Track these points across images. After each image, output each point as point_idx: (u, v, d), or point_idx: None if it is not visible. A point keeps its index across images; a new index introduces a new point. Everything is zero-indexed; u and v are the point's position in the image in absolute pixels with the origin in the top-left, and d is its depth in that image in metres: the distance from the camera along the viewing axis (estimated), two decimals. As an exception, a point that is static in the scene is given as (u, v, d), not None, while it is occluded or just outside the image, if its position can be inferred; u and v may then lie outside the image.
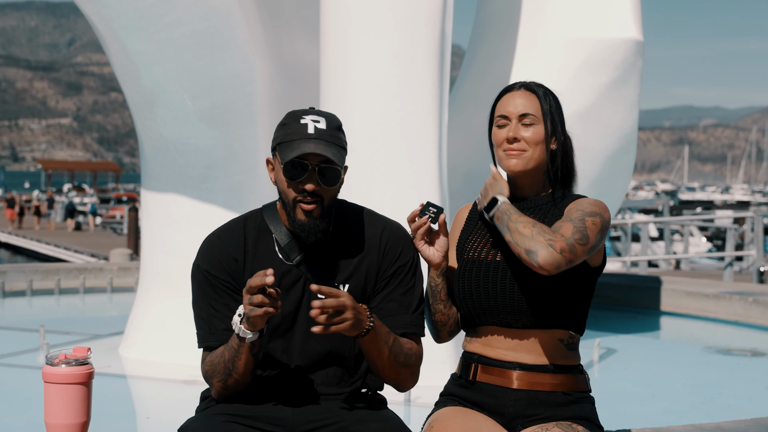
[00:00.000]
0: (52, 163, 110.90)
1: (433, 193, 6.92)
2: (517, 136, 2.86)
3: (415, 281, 2.85)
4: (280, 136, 2.77)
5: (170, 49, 7.48)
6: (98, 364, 3.17)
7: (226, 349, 2.69)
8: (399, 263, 2.83)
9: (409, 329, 2.80)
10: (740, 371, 8.45)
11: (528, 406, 2.78)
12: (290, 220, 2.76)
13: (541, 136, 2.86)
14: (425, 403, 6.14)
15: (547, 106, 2.88)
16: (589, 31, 8.47)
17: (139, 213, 24.97)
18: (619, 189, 9.49)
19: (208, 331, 2.78)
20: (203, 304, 2.81)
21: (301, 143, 2.71)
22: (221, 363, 2.70)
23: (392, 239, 2.85)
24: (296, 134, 2.73)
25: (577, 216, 2.74)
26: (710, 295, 10.55)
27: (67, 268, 12.71)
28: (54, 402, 2.87)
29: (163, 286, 7.88)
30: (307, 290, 2.77)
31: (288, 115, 2.81)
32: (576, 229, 2.69)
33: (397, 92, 6.92)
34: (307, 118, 2.75)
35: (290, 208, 2.75)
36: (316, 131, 2.73)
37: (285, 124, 2.77)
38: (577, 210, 2.77)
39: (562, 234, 2.67)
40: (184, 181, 8.00)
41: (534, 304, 2.76)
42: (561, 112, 2.92)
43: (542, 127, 2.86)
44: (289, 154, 2.69)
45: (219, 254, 2.81)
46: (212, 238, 2.86)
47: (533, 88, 2.90)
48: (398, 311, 2.80)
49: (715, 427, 4.11)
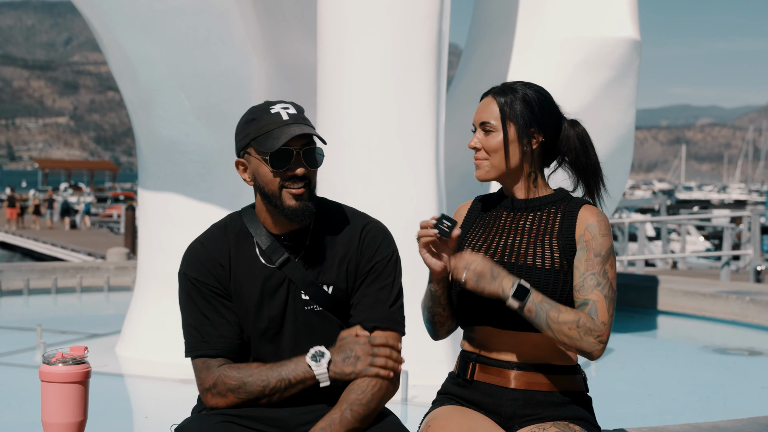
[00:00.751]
0: (49, 162, 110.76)
1: (429, 192, 6.92)
2: (476, 146, 2.86)
3: (394, 277, 2.81)
4: (252, 131, 2.71)
5: (167, 48, 7.48)
6: (95, 363, 3.16)
7: (273, 377, 2.65)
8: (376, 259, 2.79)
9: (382, 323, 2.75)
10: (737, 370, 8.46)
11: (525, 405, 2.78)
12: (279, 210, 2.72)
13: (499, 143, 2.82)
14: (422, 402, 6.14)
15: (508, 109, 2.82)
16: (586, 30, 8.47)
17: (136, 212, 24.93)
18: (616, 188, 9.49)
19: (200, 340, 2.74)
20: (193, 312, 2.77)
21: (282, 130, 2.67)
22: (258, 385, 2.66)
23: (370, 236, 2.81)
24: (272, 124, 2.69)
25: (598, 268, 2.73)
26: (707, 294, 10.56)
27: (64, 267, 12.72)
28: (51, 401, 2.86)
29: (161, 285, 7.88)
30: (292, 292, 2.76)
31: (250, 111, 2.76)
32: (607, 300, 2.71)
33: (394, 91, 6.92)
34: (276, 107, 2.73)
35: (276, 198, 2.71)
36: (291, 116, 2.72)
37: (253, 119, 2.72)
38: (594, 255, 2.74)
39: (602, 321, 2.68)
40: (181, 180, 8.00)
41: None
42: (535, 112, 2.82)
43: (500, 133, 2.82)
44: (275, 143, 2.65)
45: (205, 260, 2.78)
46: (196, 246, 2.82)
47: (497, 93, 2.86)
48: (373, 305, 2.76)
49: (712, 426, 4.11)
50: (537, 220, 2.85)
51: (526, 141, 2.82)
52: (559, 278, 2.75)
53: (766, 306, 9.89)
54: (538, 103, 2.84)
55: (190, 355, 2.77)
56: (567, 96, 8.50)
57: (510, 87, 2.87)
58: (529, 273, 2.75)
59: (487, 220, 2.93)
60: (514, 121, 2.82)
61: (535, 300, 2.65)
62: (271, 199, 2.73)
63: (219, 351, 2.73)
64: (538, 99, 2.85)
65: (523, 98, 2.83)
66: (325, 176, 6.01)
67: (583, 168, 2.91)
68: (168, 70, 7.58)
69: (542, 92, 2.88)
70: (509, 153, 2.82)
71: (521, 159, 2.83)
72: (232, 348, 2.74)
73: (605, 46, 8.48)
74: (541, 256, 2.77)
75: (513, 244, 2.83)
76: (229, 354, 2.73)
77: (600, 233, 2.76)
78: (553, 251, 2.77)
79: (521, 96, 2.83)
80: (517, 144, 2.82)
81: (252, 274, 2.76)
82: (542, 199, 2.87)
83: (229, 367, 2.70)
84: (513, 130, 2.82)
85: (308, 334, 2.77)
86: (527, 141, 2.82)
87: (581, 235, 2.78)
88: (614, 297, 2.74)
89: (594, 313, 2.69)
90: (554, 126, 2.88)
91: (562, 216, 2.83)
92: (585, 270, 2.73)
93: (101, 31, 7.66)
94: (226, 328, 2.74)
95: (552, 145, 2.88)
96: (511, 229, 2.86)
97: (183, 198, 8.03)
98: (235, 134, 2.79)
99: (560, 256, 2.77)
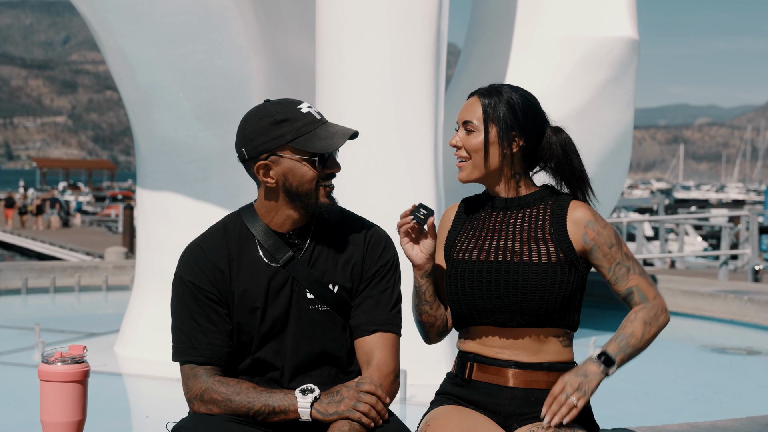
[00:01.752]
0: (47, 162, 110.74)
1: (428, 191, 6.92)
2: (456, 143, 2.87)
3: (395, 281, 2.83)
4: (287, 132, 2.67)
5: (165, 47, 7.48)
6: (94, 362, 3.16)
7: (259, 402, 2.62)
8: (380, 263, 2.81)
9: (383, 327, 2.76)
10: (735, 370, 8.46)
11: (524, 404, 2.79)
12: (310, 209, 2.72)
13: (480, 143, 2.83)
14: (421, 401, 6.14)
15: (492, 111, 2.82)
16: (585, 29, 8.47)
17: (134, 211, 24.92)
18: (614, 188, 9.50)
19: (189, 345, 2.72)
20: (184, 317, 2.75)
21: (326, 130, 2.69)
22: (244, 406, 2.63)
23: (374, 240, 2.82)
24: (312, 124, 2.69)
25: (619, 256, 2.82)
26: (705, 293, 10.56)
27: (62, 266, 12.71)
28: (50, 400, 2.86)
29: (159, 284, 7.87)
30: (296, 291, 2.75)
31: (275, 112, 2.69)
32: (643, 276, 2.86)
33: (392, 91, 6.92)
34: (303, 106, 2.72)
35: (311, 197, 2.71)
36: (320, 114, 2.75)
37: (286, 120, 2.68)
38: (608, 247, 2.81)
39: (653, 296, 2.87)
40: (179, 179, 8.00)
41: (527, 303, 2.76)
42: (518, 116, 2.82)
43: (481, 134, 2.83)
44: (328, 143, 2.67)
45: (204, 265, 2.75)
46: (194, 248, 2.79)
47: (482, 94, 2.87)
48: (374, 308, 2.77)
49: (710, 425, 4.11)
50: (527, 217, 2.85)
51: (507, 144, 2.82)
52: (557, 271, 2.76)
53: (764, 305, 9.90)
54: (522, 107, 2.84)
55: (178, 360, 2.76)
56: (565, 95, 8.53)
57: (496, 89, 2.87)
58: (527, 269, 2.76)
59: (477, 222, 2.93)
60: (495, 123, 2.82)
61: (616, 351, 2.80)
62: (304, 199, 2.72)
63: (207, 358, 2.71)
64: (522, 104, 2.85)
65: (507, 101, 2.83)
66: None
67: (568, 175, 2.91)
68: (166, 70, 7.57)
69: (528, 97, 2.88)
70: (488, 154, 2.82)
71: (501, 161, 2.84)
72: (221, 356, 2.72)
73: (603, 46, 8.48)
74: (537, 252, 2.78)
75: (506, 243, 2.83)
76: (217, 362, 2.72)
77: (601, 226, 2.82)
78: (548, 245, 2.78)
79: (506, 99, 2.84)
80: (498, 146, 2.83)
81: (256, 276, 2.75)
82: (529, 196, 2.88)
83: (219, 382, 2.68)
84: (494, 132, 2.82)
85: (311, 334, 2.77)
86: (507, 144, 2.83)
87: (584, 235, 2.79)
88: (643, 269, 2.87)
89: (643, 297, 2.84)
90: (537, 132, 2.87)
91: (552, 212, 2.84)
92: (609, 264, 2.81)
93: (99, 30, 7.65)
94: (217, 336, 2.72)
95: (533, 150, 2.88)
96: (502, 228, 2.86)
97: (181, 197, 8.03)
98: (254, 136, 2.70)
99: (555, 249, 2.78)
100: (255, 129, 2.71)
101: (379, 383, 2.66)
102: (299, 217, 2.76)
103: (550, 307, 2.76)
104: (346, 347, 2.81)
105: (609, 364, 2.76)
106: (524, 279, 2.75)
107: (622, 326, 2.81)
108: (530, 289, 2.75)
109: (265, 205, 2.78)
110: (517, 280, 2.76)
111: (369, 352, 2.75)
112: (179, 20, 7.38)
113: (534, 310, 2.76)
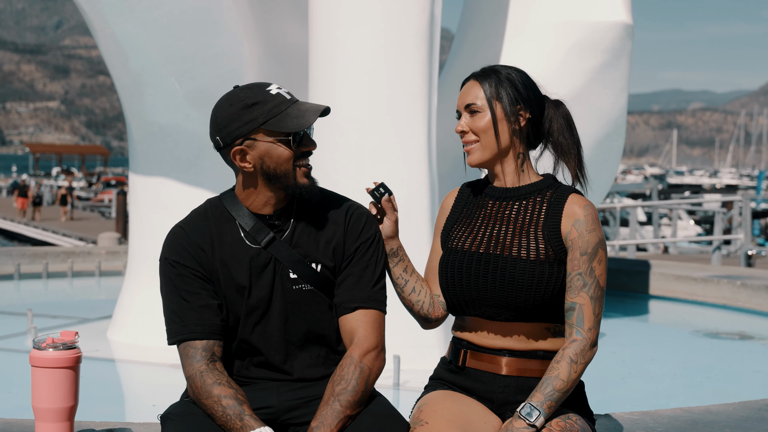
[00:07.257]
0: (40, 147, 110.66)
1: (421, 175, 6.92)
2: (463, 129, 2.85)
3: (377, 258, 2.81)
4: (259, 114, 2.67)
5: (157, 32, 7.45)
6: (86, 348, 3.16)
7: (230, 415, 2.58)
8: (360, 240, 2.80)
9: (364, 304, 2.75)
10: (728, 354, 8.48)
11: (517, 392, 2.78)
12: (289, 189, 2.71)
13: (488, 123, 2.82)
14: (414, 386, 6.15)
15: (494, 89, 2.81)
16: (579, 14, 8.44)
17: (127, 197, 24.88)
18: (607, 173, 9.49)
19: (181, 324, 2.71)
20: (173, 297, 2.74)
21: (296, 108, 2.69)
22: (217, 411, 2.60)
23: (354, 217, 2.82)
24: (282, 104, 2.69)
25: (584, 267, 2.73)
26: (698, 278, 10.58)
27: (54, 251, 12.69)
28: (41, 386, 2.85)
29: (152, 270, 7.84)
30: (279, 271, 2.75)
31: (244, 96, 2.70)
32: (593, 300, 2.73)
33: (386, 76, 6.91)
34: (272, 88, 2.72)
35: (289, 178, 2.70)
36: (290, 94, 2.74)
37: (256, 103, 2.68)
38: (581, 253, 2.73)
39: (587, 328, 2.72)
40: (172, 165, 7.98)
41: (514, 299, 2.74)
42: (520, 90, 2.82)
43: (488, 113, 2.82)
44: (299, 122, 2.66)
45: (187, 245, 2.76)
46: (177, 230, 2.80)
47: (479, 76, 2.86)
48: (356, 286, 2.76)
49: (703, 410, 4.12)
50: (522, 209, 2.83)
51: (514, 119, 2.82)
52: (545, 269, 2.74)
53: (757, 290, 9.92)
54: (521, 81, 2.84)
55: (172, 340, 2.74)
56: (559, 80, 8.51)
57: (491, 69, 2.87)
58: (514, 265, 2.74)
59: (473, 209, 2.92)
60: (500, 100, 2.81)
61: (541, 401, 2.65)
62: (282, 180, 2.71)
63: (199, 334, 2.70)
64: (521, 78, 2.85)
65: (507, 77, 2.84)
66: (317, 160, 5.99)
67: (566, 147, 2.88)
68: (159, 55, 7.54)
69: (523, 73, 2.88)
70: (498, 131, 2.81)
71: (511, 137, 2.83)
72: (214, 330, 2.71)
73: (597, 31, 8.45)
74: (526, 248, 2.76)
75: (498, 234, 2.81)
76: (211, 336, 2.70)
77: (587, 229, 2.75)
78: (539, 242, 2.76)
79: (505, 76, 2.84)
80: (506, 122, 2.81)
81: (238, 257, 2.75)
82: (528, 187, 2.85)
83: (211, 373, 2.65)
84: (500, 109, 2.81)
85: (296, 314, 2.76)
86: (515, 119, 2.82)
87: (568, 233, 2.76)
88: (602, 294, 2.75)
89: (579, 321, 2.72)
90: (539, 104, 2.87)
91: (548, 205, 2.81)
92: (571, 270, 2.74)
93: (92, 15, 7.61)
94: (206, 311, 2.71)
95: (538, 123, 2.87)
96: (496, 218, 2.85)
97: (174, 182, 8.01)
98: (226, 122, 2.70)
99: (545, 246, 2.75)
100: (226, 116, 2.71)
101: (359, 361, 2.66)
102: (279, 198, 2.76)
103: (538, 304, 2.75)
104: (333, 326, 2.80)
105: (535, 416, 2.64)
106: (511, 275, 2.74)
107: (549, 368, 2.71)
108: (516, 287, 2.74)
109: (245, 191, 2.79)
110: (504, 276, 2.75)
111: (351, 330, 2.74)
112: (172, 5, 7.34)
113: (521, 306, 2.75)
